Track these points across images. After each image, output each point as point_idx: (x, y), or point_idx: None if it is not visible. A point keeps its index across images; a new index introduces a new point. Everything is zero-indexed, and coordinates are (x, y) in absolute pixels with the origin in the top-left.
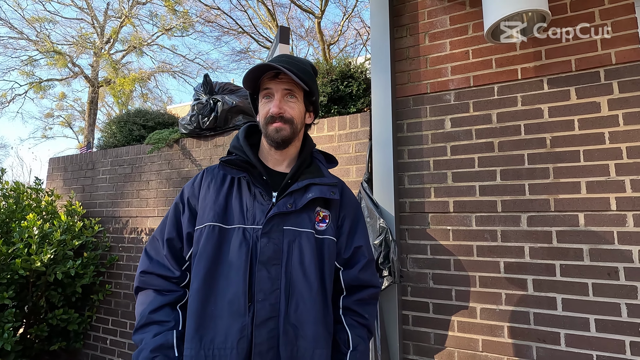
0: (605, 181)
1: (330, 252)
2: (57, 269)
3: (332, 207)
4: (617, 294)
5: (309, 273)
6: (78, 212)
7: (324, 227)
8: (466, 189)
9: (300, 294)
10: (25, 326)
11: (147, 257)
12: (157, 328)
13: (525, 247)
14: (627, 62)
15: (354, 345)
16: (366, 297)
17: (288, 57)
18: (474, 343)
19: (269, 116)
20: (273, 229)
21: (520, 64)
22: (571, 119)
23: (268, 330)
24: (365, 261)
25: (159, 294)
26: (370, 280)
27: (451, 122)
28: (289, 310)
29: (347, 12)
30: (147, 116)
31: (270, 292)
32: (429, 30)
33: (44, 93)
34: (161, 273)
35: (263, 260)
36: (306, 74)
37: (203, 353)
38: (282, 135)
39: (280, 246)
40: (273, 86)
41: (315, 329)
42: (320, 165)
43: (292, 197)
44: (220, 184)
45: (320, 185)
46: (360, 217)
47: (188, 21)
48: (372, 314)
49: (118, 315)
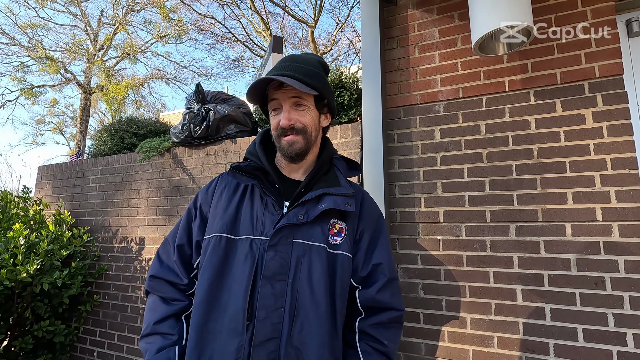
0: (591, 192)
1: (344, 269)
2: (43, 280)
3: (349, 219)
4: (604, 304)
5: (318, 291)
6: (67, 221)
7: (339, 241)
8: (456, 199)
9: (306, 314)
10: (9, 338)
11: (158, 261)
12: (160, 341)
13: (514, 257)
14: (610, 76)
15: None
16: (385, 320)
17: (292, 61)
18: (464, 353)
19: (279, 129)
20: (281, 242)
21: (508, 76)
22: (557, 131)
23: (267, 352)
24: (385, 280)
25: (165, 302)
26: (390, 302)
27: (441, 133)
28: (293, 332)
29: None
30: (138, 124)
31: (273, 310)
32: (419, 42)
33: (36, 99)
34: (169, 279)
35: (268, 275)
36: (314, 77)
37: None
38: (296, 149)
39: (287, 260)
40: (280, 96)
41: (320, 354)
42: (338, 173)
43: (305, 207)
44: (232, 191)
45: (334, 196)
46: (382, 230)
47: (182, 29)
48: (393, 339)
49: (106, 327)
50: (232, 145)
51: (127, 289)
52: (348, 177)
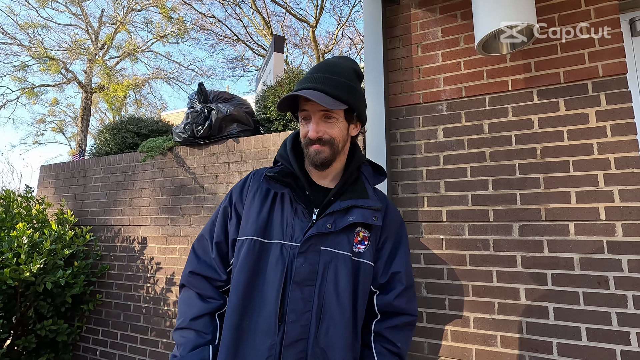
0: (594, 191)
1: (366, 276)
2: (46, 279)
3: (373, 229)
4: (608, 303)
5: (343, 297)
6: (69, 220)
7: (362, 249)
8: (459, 198)
9: (331, 317)
10: (12, 337)
11: (195, 256)
12: (195, 338)
13: (517, 256)
14: (614, 75)
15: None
16: (400, 324)
17: (325, 72)
18: (467, 352)
19: (307, 138)
20: (310, 249)
21: (511, 75)
22: (560, 130)
23: (297, 352)
24: (402, 288)
25: (202, 300)
26: (406, 308)
27: (444, 132)
28: (319, 333)
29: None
30: (140, 124)
31: (302, 313)
32: (422, 41)
33: (36, 99)
34: (208, 275)
35: (298, 280)
36: (344, 89)
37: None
38: (322, 158)
39: (315, 267)
40: (309, 108)
41: (344, 355)
42: (366, 183)
43: (333, 217)
44: (265, 195)
45: (363, 209)
46: (403, 239)
47: (183, 28)
48: (406, 342)
49: (109, 326)
50: (234, 144)
51: (130, 288)
52: (375, 183)
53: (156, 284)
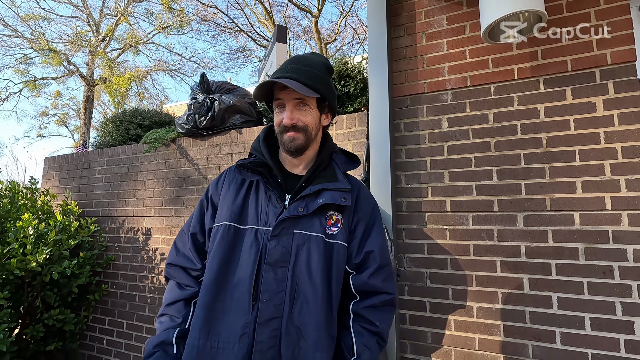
0: (600, 181)
1: (339, 256)
2: (52, 269)
3: (345, 211)
4: (612, 293)
5: (315, 277)
6: (74, 211)
7: (335, 231)
8: (463, 188)
9: (305, 297)
10: (20, 327)
11: (174, 249)
12: (168, 322)
13: (521, 246)
14: (622, 63)
15: (358, 354)
16: (377, 303)
17: (298, 63)
18: (470, 342)
19: (282, 126)
20: (283, 232)
21: (517, 64)
22: (567, 119)
23: (270, 330)
24: (376, 266)
25: (179, 287)
26: (382, 286)
27: (448, 122)
28: (293, 312)
29: (344, 11)
30: (143, 115)
31: (275, 293)
32: (426, 30)
33: (39, 91)
34: (185, 265)
35: (270, 262)
36: (317, 80)
37: (209, 344)
38: (296, 144)
39: (288, 249)
40: (284, 96)
41: (317, 333)
42: (336, 168)
43: (304, 201)
44: (240, 184)
45: (332, 191)
46: (376, 220)
47: (184, 19)
48: (385, 321)
49: (114, 315)
50: (237, 135)
51: (135, 279)
52: (347, 170)
53: (161, 274)
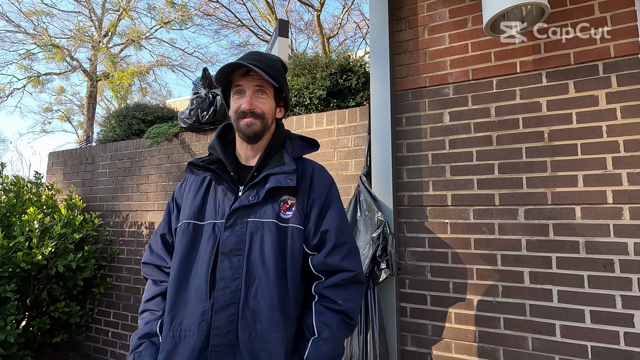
0: (602, 174)
1: (294, 239)
2: (58, 262)
3: (299, 194)
4: (612, 286)
5: (268, 261)
6: (78, 206)
7: (290, 215)
8: (464, 182)
9: (259, 281)
10: (27, 319)
11: (149, 250)
12: (149, 316)
13: (522, 240)
14: (626, 55)
15: (318, 332)
16: (339, 282)
17: (258, 55)
18: (470, 334)
19: (240, 111)
20: (237, 222)
21: (519, 57)
22: (569, 113)
23: (227, 315)
24: (332, 245)
25: (155, 284)
26: (340, 264)
27: (450, 116)
28: (249, 297)
29: (346, 5)
30: (146, 110)
31: (231, 280)
32: (428, 23)
33: (43, 87)
34: (157, 263)
35: (225, 251)
36: (276, 71)
37: (171, 334)
38: (253, 130)
39: (242, 237)
40: (244, 83)
41: (271, 314)
42: (284, 153)
43: (255, 189)
44: (200, 183)
45: (277, 175)
46: (333, 200)
47: (186, 14)
48: (350, 298)
49: (119, 308)
50: None
51: (139, 272)
52: (303, 154)
53: None
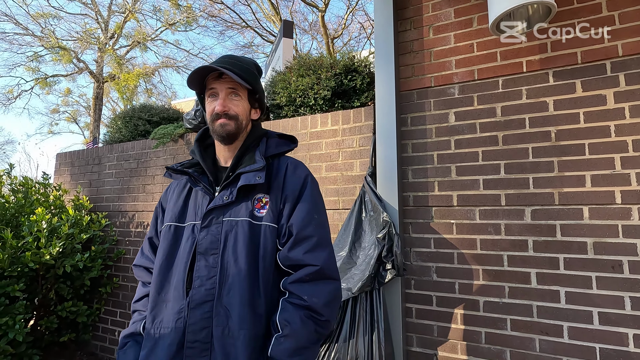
0: (610, 174)
1: (266, 237)
2: (65, 262)
3: (272, 192)
4: (621, 287)
5: (240, 258)
6: (85, 206)
7: (263, 213)
8: (470, 182)
9: (233, 279)
10: (35, 318)
11: (140, 253)
12: (136, 316)
13: (529, 241)
14: (634, 54)
15: (280, 328)
16: (304, 277)
17: (231, 58)
18: (477, 335)
19: (214, 114)
20: (212, 222)
21: (526, 56)
22: (576, 112)
23: (202, 312)
24: (293, 239)
25: (143, 285)
26: (302, 258)
27: (455, 116)
28: (222, 294)
29: (351, 5)
30: (152, 111)
31: (207, 278)
32: (433, 23)
33: (50, 89)
34: (145, 265)
35: (201, 251)
36: (248, 74)
37: (152, 331)
38: (227, 130)
39: (217, 237)
40: (217, 86)
41: (241, 310)
42: (257, 152)
43: (229, 189)
44: (182, 187)
45: (247, 173)
46: (305, 194)
47: (191, 16)
48: (316, 294)
49: (126, 308)
50: None
51: None
52: (281, 151)
53: None
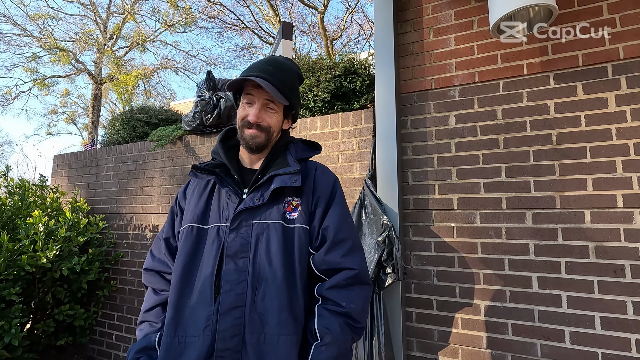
0: (612, 178)
1: (301, 240)
2: (62, 265)
3: (303, 194)
4: (623, 292)
5: (275, 262)
6: (83, 208)
7: (295, 216)
8: (471, 185)
9: (266, 284)
10: (32, 322)
11: (150, 256)
12: (147, 328)
13: (530, 245)
14: (636, 57)
15: (320, 337)
16: (341, 281)
17: (275, 67)
18: (478, 340)
19: (246, 120)
20: (242, 224)
21: (526, 59)
22: (578, 115)
23: (233, 319)
24: (331, 241)
25: (155, 293)
26: (341, 261)
27: (456, 119)
28: (256, 299)
29: (350, 7)
30: (150, 113)
31: (236, 283)
32: (434, 25)
33: (48, 90)
34: (159, 269)
35: (230, 254)
36: (290, 88)
37: (177, 340)
38: (257, 142)
39: (247, 239)
40: (255, 94)
41: (279, 316)
42: (288, 155)
43: (259, 191)
44: (203, 187)
45: (282, 175)
46: (336, 197)
47: (190, 17)
48: (354, 300)
49: (123, 311)
50: None
51: None
52: (306, 156)
53: None
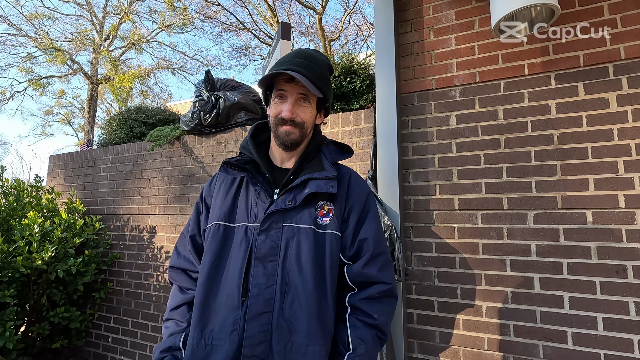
0: (613, 178)
1: (333, 247)
2: (58, 267)
3: (336, 200)
4: (626, 292)
5: (306, 269)
6: (79, 209)
7: (327, 221)
8: (472, 186)
9: (295, 290)
10: (27, 324)
11: (176, 253)
12: (173, 327)
13: (531, 245)
14: (637, 57)
15: (353, 348)
16: (375, 294)
17: (306, 59)
18: (479, 341)
19: (280, 117)
20: (272, 226)
21: (527, 59)
22: (579, 115)
23: (260, 325)
24: (370, 254)
25: (181, 291)
26: (377, 275)
27: (456, 119)
28: (284, 306)
29: (348, 8)
30: (147, 113)
31: (265, 287)
32: (434, 25)
33: (43, 90)
34: (185, 267)
35: (259, 256)
36: (323, 80)
37: (203, 342)
38: (291, 139)
39: (277, 242)
40: (288, 89)
41: (308, 325)
42: (323, 158)
43: (292, 193)
44: (230, 184)
45: (317, 180)
46: (371, 207)
47: (187, 17)
48: (384, 313)
49: (120, 313)
50: (242, 133)
51: (140, 277)
52: (338, 160)
53: (166, 273)
